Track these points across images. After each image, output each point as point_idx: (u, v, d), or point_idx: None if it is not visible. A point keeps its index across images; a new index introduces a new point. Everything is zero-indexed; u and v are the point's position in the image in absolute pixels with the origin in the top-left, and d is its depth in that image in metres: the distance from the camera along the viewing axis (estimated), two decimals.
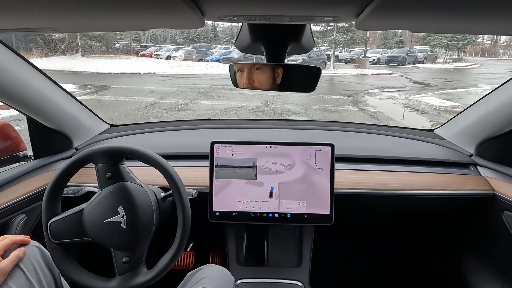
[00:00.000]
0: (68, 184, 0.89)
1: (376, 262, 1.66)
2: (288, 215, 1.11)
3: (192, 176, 1.19)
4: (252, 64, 0.82)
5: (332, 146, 1.10)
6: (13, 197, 1.06)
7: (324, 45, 21.22)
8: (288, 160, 1.11)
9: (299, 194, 1.10)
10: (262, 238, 1.29)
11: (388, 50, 28.21)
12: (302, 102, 8.60)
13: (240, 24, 0.79)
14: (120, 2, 0.44)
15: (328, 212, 1.10)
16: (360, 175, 1.22)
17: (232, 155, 1.12)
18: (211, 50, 26.26)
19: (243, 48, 0.90)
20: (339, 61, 24.77)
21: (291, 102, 8.52)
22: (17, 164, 1.21)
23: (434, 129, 1.52)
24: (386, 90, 11.37)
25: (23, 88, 1.05)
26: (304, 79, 0.84)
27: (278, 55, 0.81)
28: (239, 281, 1.18)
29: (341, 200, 1.12)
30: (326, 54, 22.28)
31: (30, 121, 1.21)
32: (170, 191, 0.91)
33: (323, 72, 19.94)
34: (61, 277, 0.87)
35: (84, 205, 0.86)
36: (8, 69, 0.98)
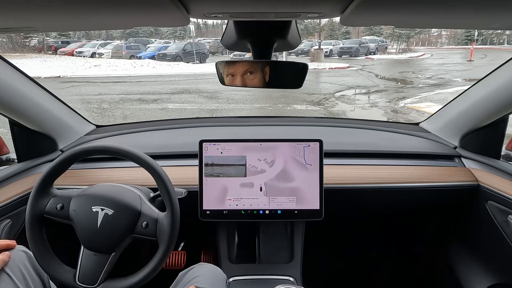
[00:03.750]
0: (55, 186, 0.86)
1: (367, 256, 1.65)
2: (279, 212, 1.09)
3: (181, 175, 1.15)
4: (242, 62, 0.79)
5: (320, 141, 1.08)
6: None
7: None
8: (273, 157, 1.09)
9: (289, 190, 1.08)
10: (253, 235, 1.27)
11: (340, 42, 26.08)
12: None
13: (226, 21, 0.76)
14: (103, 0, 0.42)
15: (318, 207, 1.08)
16: (349, 170, 1.20)
17: (221, 153, 1.08)
18: (148, 45, 22.37)
19: (229, 46, 0.87)
20: (289, 54, 22.18)
21: None
22: (0, 168, 1.16)
23: (420, 122, 1.51)
24: (358, 91, 8.53)
25: (4, 90, 1.00)
26: (292, 75, 0.81)
27: (264, 52, 0.79)
28: (231, 279, 1.16)
29: (331, 195, 1.11)
30: None
31: (13, 124, 1.16)
32: (159, 191, 0.88)
33: None
34: (50, 281, 0.83)
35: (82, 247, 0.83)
36: None
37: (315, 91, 9.00)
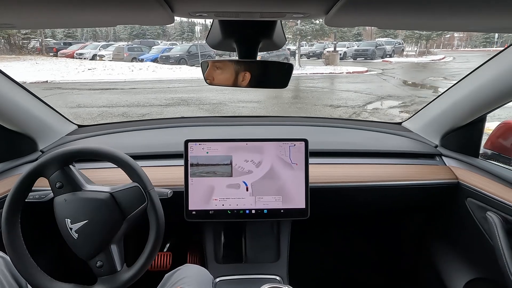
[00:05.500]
0: (33, 188, 0.83)
1: (353, 253, 1.68)
2: (265, 211, 1.10)
3: (167, 175, 1.15)
4: (229, 62, 0.80)
5: (305, 141, 1.10)
6: None
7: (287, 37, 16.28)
8: (259, 157, 1.10)
9: (275, 190, 1.10)
10: (240, 235, 1.27)
11: (354, 43, 24.39)
12: None
13: (211, 20, 0.77)
14: None
15: (304, 206, 1.10)
16: (334, 169, 1.22)
17: (207, 153, 1.08)
18: (153, 47, 21.20)
19: (215, 45, 0.87)
20: (300, 56, 20.68)
21: None
22: None
23: (402, 122, 1.54)
24: (393, 103, 6.87)
25: None
26: (278, 75, 0.82)
27: (250, 52, 0.78)
28: (217, 279, 1.16)
29: (317, 194, 1.13)
30: (288, 49, 18.08)
31: None
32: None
33: None
34: (28, 286, 0.83)
35: None
36: None
37: (340, 102, 7.35)
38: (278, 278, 1.17)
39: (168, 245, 1.52)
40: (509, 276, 0.94)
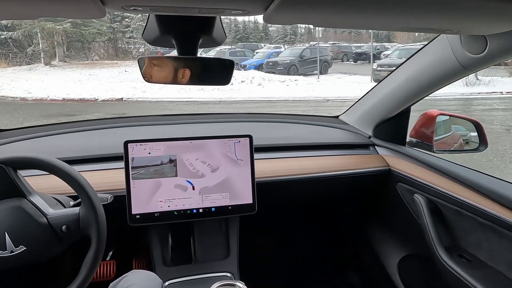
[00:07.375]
0: None
1: (300, 243, 1.73)
2: (213, 209, 1.08)
3: (107, 179, 1.07)
4: (167, 58, 0.76)
5: (250, 137, 1.10)
6: None
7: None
8: (209, 159, 1.07)
9: (221, 187, 1.09)
10: (188, 235, 1.23)
11: None
12: None
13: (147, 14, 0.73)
14: None
15: (251, 201, 1.10)
16: (278, 163, 1.25)
17: (149, 153, 1.03)
18: (256, 51, 18.06)
19: (152, 41, 0.82)
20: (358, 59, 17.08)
21: None
22: None
23: (339, 115, 1.60)
24: None
25: None
26: (219, 72, 0.80)
27: (189, 48, 0.75)
28: (167, 283, 1.11)
29: (263, 189, 1.14)
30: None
31: None
32: (80, 199, 0.83)
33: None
34: None
35: None
36: None
37: None
38: (229, 275, 1.15)
39: (111, 253, 1.41)
40: (434, 250, 1.02)
